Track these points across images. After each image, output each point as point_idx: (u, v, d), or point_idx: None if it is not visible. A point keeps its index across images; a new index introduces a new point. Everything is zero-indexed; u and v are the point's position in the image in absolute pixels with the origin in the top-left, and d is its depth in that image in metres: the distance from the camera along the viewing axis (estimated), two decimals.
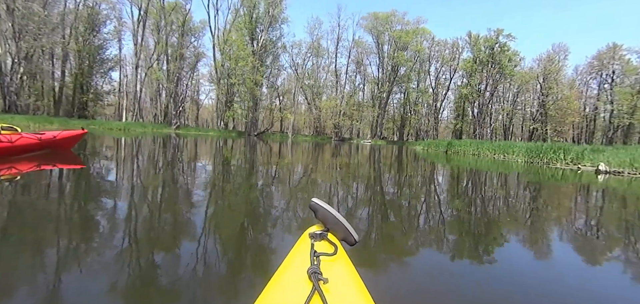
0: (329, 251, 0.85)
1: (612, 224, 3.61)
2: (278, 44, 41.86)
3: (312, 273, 0.65)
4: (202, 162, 7.54)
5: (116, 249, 1.85)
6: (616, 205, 4.94)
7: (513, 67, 47.43)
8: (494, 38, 47.67)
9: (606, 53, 47.68)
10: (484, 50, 48.45)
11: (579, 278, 2.03)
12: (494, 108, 51.20)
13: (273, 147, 16.82)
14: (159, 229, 2.30)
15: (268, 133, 42.63)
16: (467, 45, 50.80)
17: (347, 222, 1.02)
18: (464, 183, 6.73)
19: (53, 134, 5.67)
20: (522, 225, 3.26)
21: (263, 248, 2.07)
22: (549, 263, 2.27)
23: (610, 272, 2.17)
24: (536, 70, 48.42)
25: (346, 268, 0.81)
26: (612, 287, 1.93)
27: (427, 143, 28.07)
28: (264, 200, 3.50)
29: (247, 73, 35.30)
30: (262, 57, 39.29)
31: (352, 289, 0.69)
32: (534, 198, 5.13)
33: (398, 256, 2.01)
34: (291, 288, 0.67)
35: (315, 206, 1.05)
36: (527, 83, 49.46)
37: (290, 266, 0.80)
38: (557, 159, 12.88)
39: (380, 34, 45.86)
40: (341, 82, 49.04)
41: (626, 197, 5.65)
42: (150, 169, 5.59)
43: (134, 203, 3.00)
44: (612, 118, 47.00)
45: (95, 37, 39.65)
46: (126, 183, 4.02)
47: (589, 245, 2.77)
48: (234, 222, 2.59)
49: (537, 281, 1.82)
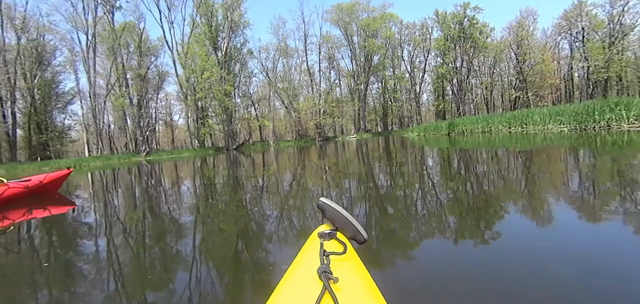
0: (339, 250, 0.84)
1: None
2: (243, 50, 39.97)
3: (322, 272, 0.65)
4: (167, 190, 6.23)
5: (134, 266, 2.00)
6: None
7: (485, 39, 46.96)
8: (461, 13, 47.12)
9: (573, 11, 47.72)
10: (454, 27, 47.83)
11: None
12: (473, 84, 50.61)
13: (255, 158, 15.39)
14: (162, 247, 2.31)
15: (248, 145, 40.52)
16: (436, 24, 50.16)
17: (355, 221, 1.00)
18: (510, 167, 4.76)
19: (39, 179, 5.62)
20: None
21: (269, 252, 2.02)
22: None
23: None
24: (508, 38, 48.06)
25: (356, 266, 0.80)
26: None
27: (422, 128, 24.60)
28: (254, 216, 3.11)
29: (214, 84, 33.22)
30: (229, 66, 37.32)
31: (363, 288, 0.69)
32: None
33: (409, 254, 1.85)
34: (302, 288, 0.67)
35: (324, 206, 1.04)
36: (502, 53, 49.09)
37: (300, 266, 0.80)
38: (618, 118, 9.44)
39: (347, 25, 44.60)
40: (316, 80, 47.51)
41: None
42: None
43: (140, 231, 2.97)
44: (589, 75, 46.89)
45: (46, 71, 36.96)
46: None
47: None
48: (237, 233, 2.56)
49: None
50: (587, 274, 1.33)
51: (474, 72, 50.67)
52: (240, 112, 39.90)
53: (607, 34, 46.40)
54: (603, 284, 1.25)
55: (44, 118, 36.53)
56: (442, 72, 48.79)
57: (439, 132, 19.92)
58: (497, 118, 15.58)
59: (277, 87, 45.51)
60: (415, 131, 26.75)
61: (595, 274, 1.33)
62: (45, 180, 5.67)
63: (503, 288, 1.34)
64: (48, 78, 37.04)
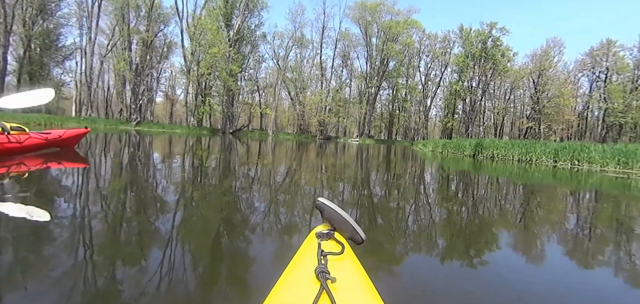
0: (336, 250, 0.84)
1: None
2: (257, 32, 38.01)
3: (319, 272, 0.65)
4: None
5: (131, 237, 2.01)
6: None
7: (506, 62, 45.28)
8: (486, 32, 45.37)
9: (599, 50, 46.17)
10: (476, 45, 46.09)
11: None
12: (485, 106, 49.00)
13: (250, 146, 14.55)
14: (148, 236, 2.09)
15: (246, 131, 38.78)
16: (458, 39, 48.34)
17: (353, 221, 1.00)
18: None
19: (58, 133, 5.87)
20: None
21: (266, 250, 1.98)
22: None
23: None
24: (529, 66, 46.36)
25: (354, 267, 0.80)
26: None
27: (439, 144, 21.62)
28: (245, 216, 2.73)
29: (220, 62, 31.34)
30: (239, 46, 35.40)
31: (360, 288, 0.69)
32: None
33: (406, 256, 1.93)
34: (299, 288, 0.67)
35: (322, 206, 1.04)
36: (519, 80, 47.44)
37: (297, 266, 0.80)
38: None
39: (368, 24, 42.70)
40: (327, 76, 45.61)
41: None
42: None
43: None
44: (605, 116, 45.44)
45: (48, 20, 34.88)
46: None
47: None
48: (223, 227, 2.38)
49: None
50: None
51: (489, 94, 49.06)
52: (243, 96, 37.94)
53: (629, 78, 45.04)
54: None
55: (39, 70, 34.58)
56: (457, 88, 47.09)
57: (461, 151, 17.59)
58: (539, 147, 13.44)
59: (286, 76, 43.62)
60: (428, 145, 24.21)
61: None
62: (64, 135, 5.92)
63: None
64: (49, 29, 35.01)
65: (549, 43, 44.84)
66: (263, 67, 47.63)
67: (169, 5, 38.17)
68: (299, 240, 1.80)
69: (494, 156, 14.55)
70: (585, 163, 11.46)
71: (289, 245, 2.00)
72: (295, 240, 2.05)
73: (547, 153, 12.77)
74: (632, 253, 2.37)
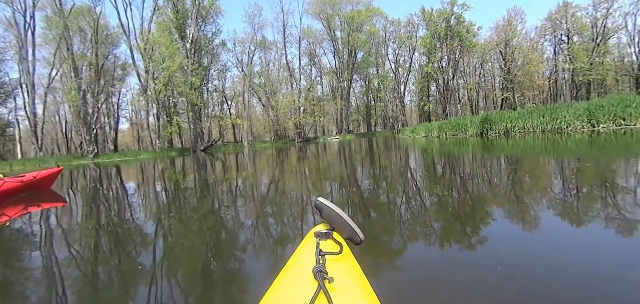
0: (335, 250, 0.84)
1: None
2: (215, 41, 36.04)
3: (317, 272, 0.64)
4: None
5: (130, 260, 2.01)
6: None
7: (472, 37, 45.28)
8: (448, 10, 45.26)
9: (558, 12, 47.03)
10: (440, 24, 45.90)
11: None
12: (459, 84, 48.86)
13: (224, 161, 13.34)
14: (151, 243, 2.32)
15: (218, 146, 36.60)
16: (422, 21, 48.07)
17: (352, 221, 1.00)
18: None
19: (33, 175, 5.89)
20: None
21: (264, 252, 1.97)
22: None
23: None
24: (495, 38, 46.60)
25: (352, 267, 0.79)
26: None
27: (433, 127, 18.60)
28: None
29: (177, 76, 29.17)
30: (199, 58, 33.30)
31: (358, 289, 0.69)
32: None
33: (405, 258, 1.85)
34: (296, 287, 0.67)
35: (321, 205, 1.04)
36: (488, 54, 47.65)
37: (295, 265, 0.80)
38: None
39: (330, 17, 41.58)
40: (296, 76, 44.07)
41: None
42: None
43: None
44: (574, 76, 46.19)
45: None
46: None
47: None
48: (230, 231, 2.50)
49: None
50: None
51: (460, 72, 48.98)
52: (210, 109, 35.79)
53: (590, 37, 46.02)
54: None
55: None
56: (428, 70, 46.69)
57: (462, 131, 14.93)
58: (566, 111, 10.77)
59: (253, 82, 41.80)
60: (419, 130, 21.04)
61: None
62: (38, 176, 5.94)
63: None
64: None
65: (510, 13, 45.21)
66: (229, 76, 45.73)
67: (115, 23, 35.44)
68: (287, 246, 1.94)
69: (508, 131, 12.01)
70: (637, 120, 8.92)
71: (277, 253, 1.90)
72: (282, 248, 1.98)
73: (578, 117, 10.19)
74: None
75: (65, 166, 19.99)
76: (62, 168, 7.00)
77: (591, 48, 45.15)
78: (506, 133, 11.92)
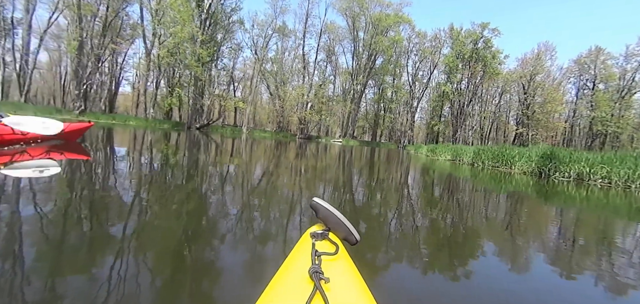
0: (330, 250, 0.84)
1: None
2: (233, 17, 33.70)
3: (313, 272, 0.65)
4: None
5: (112, 233, 1.87)
6: None
7: (497, 64, 43.40)
8: (478, 32, 43.32)
9: (587, 56, 45.30)
10: (467, 45, 43.96)
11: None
12: (474, 110, 46.93)
13: (218, 144, 12.19)
14: (142, 233, 1.97)
15: (215, 126, 34.39)
16: (448, 39, 46.06)
17: (348, 222, 1.00)
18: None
19: (61, 127, 5.83)
20: None
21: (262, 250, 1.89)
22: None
23: None
24: (519, 70, 44.72)
25: (347, 267, 0.80)
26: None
27: (465, 151, 15.53)
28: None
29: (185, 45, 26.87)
30: (212, 31, 30.97)
31: (354, 289, 0.70)
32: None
33: (400, 257, 1.89)
34: (292, 288, 0.67)
35: (317, 206, 1.02)
36: (510, 84, 45.78)
37: (291, 266, 0.80)
38: None
39: (355, 16, 39.38)
40: (309, 70, 41.83)
41: None
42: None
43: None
44: (592, 124, 44.59)
45: None
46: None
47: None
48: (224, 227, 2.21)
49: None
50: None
51: (478, 98, 47.06)
52: (214, 87, 33.47)
53: (615, 88, 44.40)
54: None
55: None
56: (446, 90, 44.77)
57: (508, 163, 11.31)
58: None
59: (265, 68, 39.55)
60: (440, 152, 18.10)
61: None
62: (67, 128, 5.92)
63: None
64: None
65: (540, 47, 43.33)
66: (241, 58, 43.38)
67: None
68: (282, 247, 1.87)
69: (582, 177, 8.82)
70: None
71: (272, 254, 1.81)
72: (277, 248, 1.89)
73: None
74: None
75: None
76: (93, 123, 7.05)
77: (615, 99, 43.66)
78: (579, 180, 8.75)
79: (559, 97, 42.32)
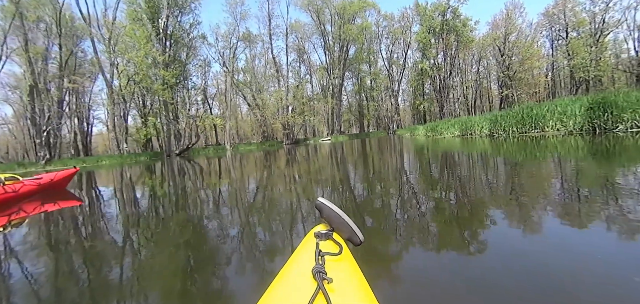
0: (334, 251, 0.83)
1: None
2: (193, 33, 32.66)
3: (316, 272, 0.65)
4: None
5: (130, 253, 2.08)
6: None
7: (469, 32, 43.06)
8: (444, 3, 42.96)
9: (555, 7, 45.26)
10: (436, 18, 43.58)
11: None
12: (456, 82, 46.50)
13: (200, 167, 11.47)
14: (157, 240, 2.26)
15: (196, 149, 33.18)
16: (416, 16, 45.66)
17: (352, 222, 0.99)
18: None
19: (50, 177, 6.02)
20: None
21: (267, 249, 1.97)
22: None
23: None
24: (493, 33, 44.44)
25: (351, 268, 0.79)
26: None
27: (476, 122, 13.21)
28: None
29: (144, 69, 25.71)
30: (173, 52, 29.86)
31: (357, 290, 0.69)
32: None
33: (405, 260, 1.77)
34: (295, 287, 0.67)
35: (321, 206, 1.03)
36: (485, 50, 45.48)
37: (295, 265, 0.80)
38: None
39: (319, 10, 38.68)
40: (283, 73, 40.87)
41: None
42: None
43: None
44: (573, 73, 44.41)
45: None
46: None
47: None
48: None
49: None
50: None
51: (458, 69, 46.65)
52: (187, 108, 32.29)
53: (588, 32, 44.36)
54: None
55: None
56: (424, 67, 44.25)
57: (537, 126, 9.44)
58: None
59: (237, 80, 38.53)
60: (442, 128, 15.99)
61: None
62: (55, 178, 6.02)
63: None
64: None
65: (508, 6, 43.12)
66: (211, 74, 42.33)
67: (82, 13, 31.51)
68: (285, 247, 1.91)
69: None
70: None
71: (276, 253, 1.85)
72: (280, 249, 1.96)
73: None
74: None
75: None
76: (79, 169, 7.17)
77: (590, 44, 43.59)
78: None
79: (536, 52, 42.06)
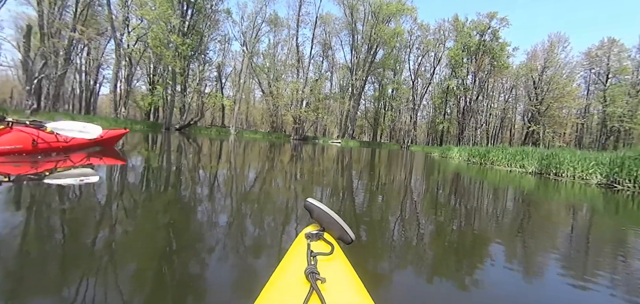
0: (326, 250, 0.84)
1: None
2: (219, 6, 30.11)
3: (309, 273, 0.65)
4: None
5: (108, 236, 1.84)
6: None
7: (506, 58, 40.35)
8: (485, 23, 40.25)
9: (600, 49, 42.30)
10: (473, 37, 40.86)
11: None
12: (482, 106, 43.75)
13: (199, 147, 10.48)
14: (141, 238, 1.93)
15: (198, 127, 30.73)
16: (452, 31, 42.87)
17: (342, 221, 1.00)
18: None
19: (100, 134, 6.07)
20: None
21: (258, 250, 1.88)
22: None
23: None
24: (530, 64, 41.56)
25: (343, 267, 0.80)
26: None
27: (592, 159, 8.64)
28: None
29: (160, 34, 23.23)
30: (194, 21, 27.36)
31: (350, 288, 0.70)
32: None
33: (395, 255, 1.83)
34: (289, 289, 0.67)
35: (311, 206, 1.02)
36: (519, 79, 42.67)
37: (287, 267, 0.80)
38: None
39: (353, 6, 36.00)
40: (304, 63, 38.27)
41: None
42: None
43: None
44: (605, 121, 41.57)
45: None
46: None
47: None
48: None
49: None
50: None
51: (485, 94, 43.87)
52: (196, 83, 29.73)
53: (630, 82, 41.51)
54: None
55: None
56: (451, 85, 41.60)
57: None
58: None
59: (256, 63, 35.98)
60: (501, 157, 12.10)
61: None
62: (105, 135, 6.09)
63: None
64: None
65: (551, 38, 40.27)
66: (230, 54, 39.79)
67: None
68: (276, 249, 1.83)
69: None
70: None
71: (267, 256, 1.78)
72: (271, 250, 1.88)
73: None
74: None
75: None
76: (128, 130, 7.61)
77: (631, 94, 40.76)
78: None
79: (574, 91, 39.20)
